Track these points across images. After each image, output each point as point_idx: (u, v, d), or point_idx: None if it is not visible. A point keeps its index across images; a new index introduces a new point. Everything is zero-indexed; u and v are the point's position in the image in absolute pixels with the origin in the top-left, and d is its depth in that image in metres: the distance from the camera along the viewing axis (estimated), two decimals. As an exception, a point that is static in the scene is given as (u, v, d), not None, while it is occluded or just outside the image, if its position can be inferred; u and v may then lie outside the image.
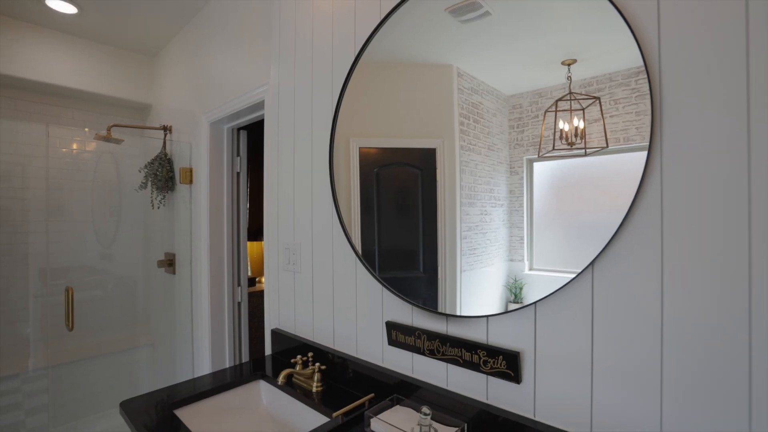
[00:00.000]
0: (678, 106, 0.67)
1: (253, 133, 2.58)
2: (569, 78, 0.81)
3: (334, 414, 1.02)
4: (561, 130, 0.82)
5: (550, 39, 0.84)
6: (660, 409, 0.69)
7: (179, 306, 2.50)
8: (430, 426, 0.76)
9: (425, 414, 0.76)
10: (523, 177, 0.89)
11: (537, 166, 0.87)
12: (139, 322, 2.92)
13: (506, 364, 0.86)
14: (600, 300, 0.75)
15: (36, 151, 2.71)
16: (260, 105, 1.82)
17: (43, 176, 2.74)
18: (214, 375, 1.33)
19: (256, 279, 3.16)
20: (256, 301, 2.89)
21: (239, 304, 2.21)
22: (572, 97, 0.80)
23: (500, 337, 0.89)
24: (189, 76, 2.39)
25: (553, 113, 0.83)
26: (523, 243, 0.88)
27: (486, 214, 0.95)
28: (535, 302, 0.82)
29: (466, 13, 0.98)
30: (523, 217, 0.89)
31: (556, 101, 0.83)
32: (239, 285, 2.21)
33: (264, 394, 1.30)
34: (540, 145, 0.85)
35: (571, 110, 0.80)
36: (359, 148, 1.25)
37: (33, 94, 2.70)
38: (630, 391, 0.72)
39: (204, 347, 2.18)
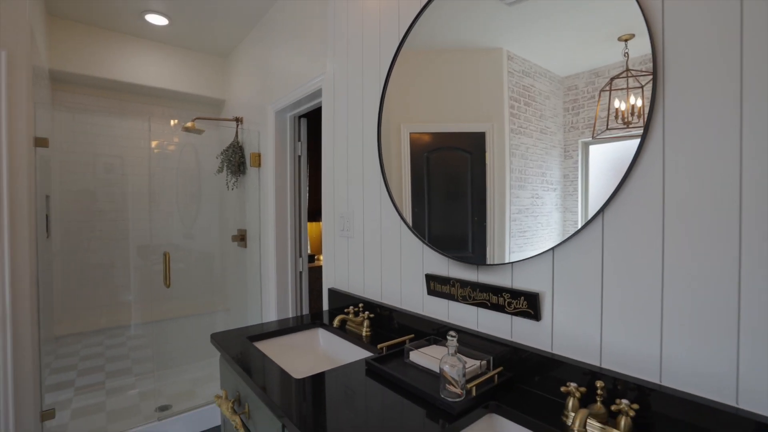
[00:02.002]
0: (679, 63, 0.75)
1: (313, 121, 2.84)
2: (626, 54, 0.78)
3: (379, 346, 1.20)
4: (617, 110, 0.80)
5: (605, 14, 0.81)
6: (660, 339, 0.78)
7: (250, 275, 2.85)
8: (456, 346, 0.90)
9: (452, 336, 0.91)
10: (578, 161, 0.87)
11: (593, 149, 0.85)
12: (216, 291, 3.35)
13: (527, 304, 0.98)
14: (609, 243, 0.85)
15: (133, 143, 3.21)
16: (318, 93, 2.04)
17: (138, 166, 3.23)
18: (280, 321, 1.58)
19: (315, 256, 3.46)
20: (315, 275, 3.19)
21: (300, 273, 2.49)
22: (629, 74, 0.78)
23: (523, 281, 1.01)
24: (256, 72, 2.69)
25: (608, 92, 0.81)
26: (577, 228, 0.88)
27: (538, 198, 0.95)
28: (552, 248, 0.93)
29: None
30: (577, 201, 0.87)
31: (611, 79, 0.81)
32: (300, 256, 2.48)
33: (321, 338, 1.52)
34: (594, 126, 0.83)
35: (628, 88, 0.79)
36: (410, 133, 1.32)
37: (132, 95, 3.19)
38: (634, 324, 0.81)
39: (271, 310, 2.49)
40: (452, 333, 0.91)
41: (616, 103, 0.80)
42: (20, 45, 1.70)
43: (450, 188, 1.17)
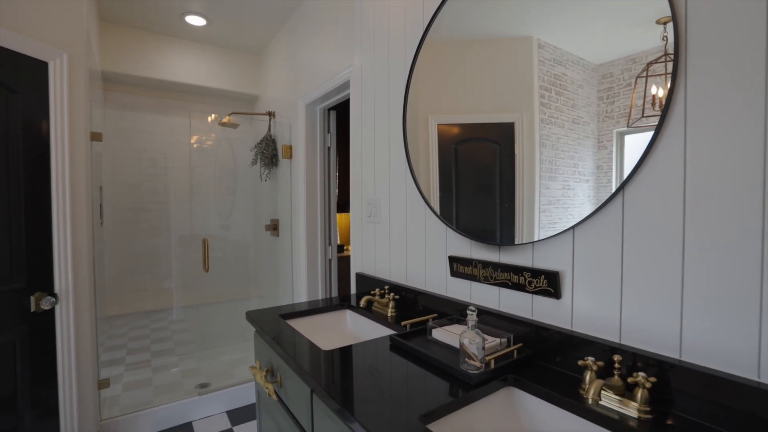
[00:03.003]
0: (701, 32, 0.74)
1: (342, 114, 2.92)
2: (665, 38, 0.75)
3: (403, 323, 1.25)
4: (653, 96, 0.77)
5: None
6: (680, 315, 0.78)
7: (282, 263, 2.98)
8: (475, 320, 0.94)
9: (471, 311, 0.94)
10: (612, 152, 0.85)
11: (628, 139, 0.82)
12: (250, 278, 3.51)
13: (547, 282, 1.00)
14: (630, 221, 0.85)
15: (175, 138, 3.41)
16: (346, 85, 2.10)
17: (179, 160, 3.43)
18: (310, 303, 1.66)
19: (344, 246, 3.55)
20: (344, 264, 3.28)
21: (330, 261, 2.58)
22: (668, 59, 0.75)
23: (543, 261, 1.03)
24: (287, 67, 2.79)
25: (645, 78, 0.78)
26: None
27: (569, 189, 0.93)
28: (572, 226, 0.95)
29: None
30: (611, 193, 0.86)
31: (648, 65, 0.77)
32: (330, 244, 2.57)
33: (348, 318, 1.59)
34: (630, 115, 0.81)
35: (666, 74, 0.75)
36: (438, 124, 1.32)
37: (173, 92, 3.39)
38: (654, 301, 0.82)
39: (301, 296, 2.60)
40: (472, 308, 0.94)
41: (653, 90, 0.77)
42: (79, 49, 1.87)
43: (478, 180, 1.17)
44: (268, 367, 1.31)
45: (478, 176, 1.17)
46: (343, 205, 3.56)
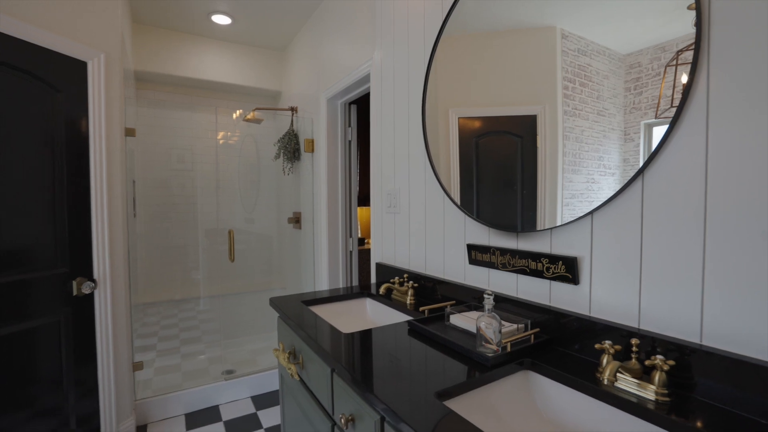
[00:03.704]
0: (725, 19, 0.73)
1: (362, 109, 2.95)
2: (696, 25, 0.73)
3: (421, 308, 1.28)
4: (684, 85, 0.75)
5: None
6: (701, 300, 0.78)
7: (304, 255, 3.05)
8: (492, 304, 0.96)
9: (488, 294, 0.96)
10: (639, 144, 0.82)
11: (657, 131, 0.80)
12: (273, 270, 3.61)
13: (565, 268, 1.00)
14: (649, 205, 0.85)
15: (202, 134, 3.53)
16: (366, 79, 2.13)
17: (206, 155, 3.55)
18: (331, 291, 1.71)
19: (365, 240, 3.60)
20: (364, 257, 3.32)
21: (351, 252, 2.63)
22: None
23: (561, 247, 1.03)
24: (309, 63, 2.85)
25: (674, 67, 0.76)
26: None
27: (593, 182, 0.92)
28: (591, 212, 0.95)
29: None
30: None
31: (678, 53, 0.75)
32: (350, 236, 2.62)
33: (368, 305, 1.63)
34: (658, 106, 0.78)
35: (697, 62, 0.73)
36: (458, 118, 1.31)
37: (200, 90, 3.51)
38: (675, 286, 0.81)
39: (323, 287, 2.65)
40: (489, 292, 0.96)
41: (684, 78, 0.74)
42: (114, 49, 1.97)
43: (499, 173, 1.16)
44: (290, 349, 1.37)
45: (499, 169, 1.17)
46: (364, 200, 3.60)
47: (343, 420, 0.92)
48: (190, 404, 2.35)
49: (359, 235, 3.65)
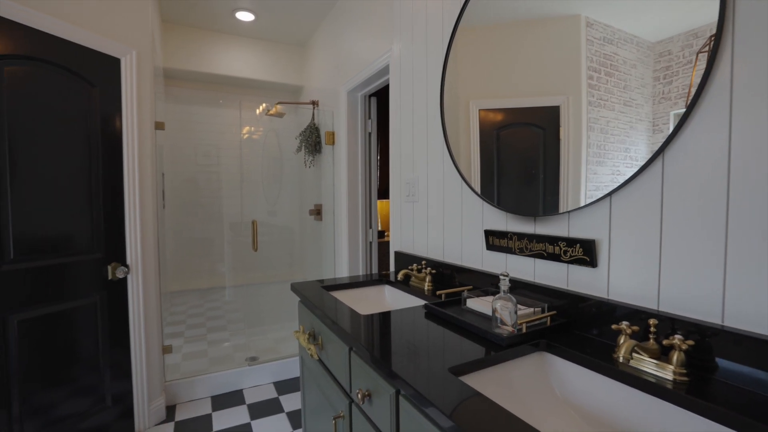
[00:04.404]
0: (753, -9, 0.71)
1: (382, 103, 2.97)
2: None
3: (438, 292, 1.30)
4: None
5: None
6: (723, 281, 0.76)
7: (325, 246, 3.11)
8: (508, 285, 0.96)
9: (504, 276, 0.97)
10: (668, 135, 0.81)
11: None
12: (295, 261, 3.69)
13: (583, 251, 1.00)
14: (669, 186, 0.84)
15: (227, 129, 3.63)
16: (385, 70, 2.15)
17: (231, 149, 3.66)
18: (351, 277, 1.74)
19: (384, 233, 3.63)
20: (383, 249, 3.35)
21: (370, 243, 2.66)
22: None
23: (579, 230, 1.03)
24: (330, 57, 2.89)
25: (707, 54, 0.74)
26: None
27: (619, 175, 0.90)
28: (609, 193, 0.94)
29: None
30: None
31: (710, 38, 0.72)
32: (370, 227, 2.65)
33: (387, 292, 1.66)
34: (689, 95, 0.76)
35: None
36: (479, 110, 1.30)
37: (225, 86, 3.61)
38: (696, 267, 0.80)
39: (343, 275, 2.70)
40: (504, 273, 0.97)
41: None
42: (145, 46, 2.06)
43: (521, 165, 1.15)
44: (310, 330, 1.41)
45: (520, 162, 1.15)
46: (384, 193, 3.63)
47: (359, 395, 0.95)
48: (216, 387, 2.45)
49: (379, 228, 3.68)
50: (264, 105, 3.25)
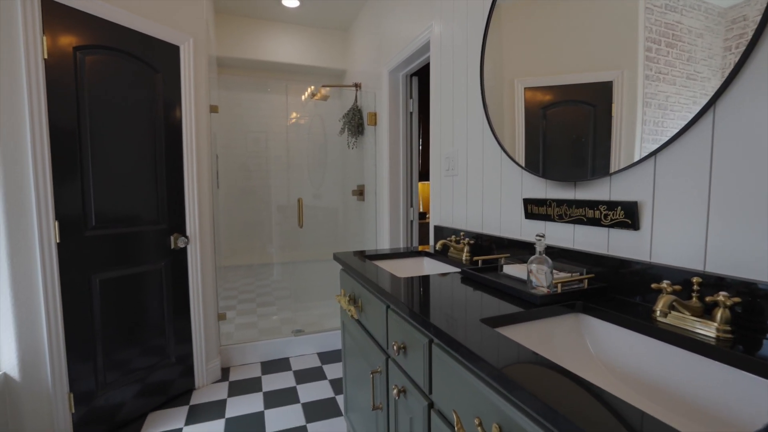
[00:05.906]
0: None
1: (423, 83, 2.97)
2: None
3: (475, 258, 1.31)
4: None
5: None
6: (780, 234, 0.72)
7: (367, 226, 3.19)
8: (544, 246, 0.96)
9: (539, 237, 0.97)
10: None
11: None
12: (338, 240, 3.82)
13: (624, 214, 0.97)
14: (720, 141, 0.79)
15: (275, 113, 3.80)
16: (426, 48, 2.15)
17: (279, 134, 3.82)
18: (391, 249, 1.79)
19: (425, 214, 3.65)
20: (424, 230, 3.38)
21: (411, 222, 2.70)
22: None
23: (621, 193, 1.00)
24: (371, 39, 2.92)
25: None
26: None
27: None
28: (654, 152, 0.91)
29: None
30: None
31: None
32: (411, 206, 2.69)
33: (426, 263, 1.69)
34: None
35: None
36: (524, 88, 1.27)
37: (272, 72, 3.76)
38: (747, 225, 0.76)
39: (384, 255, 2.77)
40: (540, 234, 0.97)
41: None
42: (201, 33, 2.22)
43: (568, 145, 1.11)
44: (350, 294, 1.48)
45: (568, 140, 1.11)
46: (425, 176, 3.63)
47: (395, 347, 1.00)
48: (265, 354, 2.63)
49: (420, 210, 3.70)
50: (311, 88, 3.36)
